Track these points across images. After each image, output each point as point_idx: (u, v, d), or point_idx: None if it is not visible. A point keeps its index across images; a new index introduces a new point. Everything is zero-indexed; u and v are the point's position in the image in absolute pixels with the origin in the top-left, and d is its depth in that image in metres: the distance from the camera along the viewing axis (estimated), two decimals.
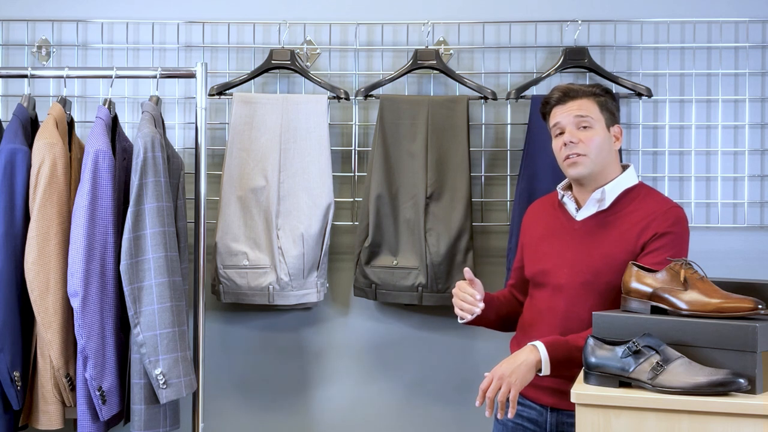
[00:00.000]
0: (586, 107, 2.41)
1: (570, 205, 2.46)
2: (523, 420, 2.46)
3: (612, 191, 2.41)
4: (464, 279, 2.43)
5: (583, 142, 2.38)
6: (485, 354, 3.10)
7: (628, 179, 2.44)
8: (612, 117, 2.44)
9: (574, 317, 2.35)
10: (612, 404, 1.94)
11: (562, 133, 2.42)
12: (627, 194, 2.42)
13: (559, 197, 2.49)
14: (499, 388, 2.21)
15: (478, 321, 2.48)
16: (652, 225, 2.34)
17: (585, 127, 2.40)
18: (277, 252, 2.98)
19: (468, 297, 2.40)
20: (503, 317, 2.56)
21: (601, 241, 2.38)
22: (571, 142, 2.38)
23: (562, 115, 2.42)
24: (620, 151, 2.92)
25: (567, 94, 2.42)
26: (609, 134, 2.43)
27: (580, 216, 2.44)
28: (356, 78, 3.18)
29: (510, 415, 2.22)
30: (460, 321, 2.47)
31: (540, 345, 2.25)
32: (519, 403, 2.47)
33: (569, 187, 2.50)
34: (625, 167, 2.47)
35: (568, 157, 2.39)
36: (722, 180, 3.10)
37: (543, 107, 2.50)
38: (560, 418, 2.40)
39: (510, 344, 2.54)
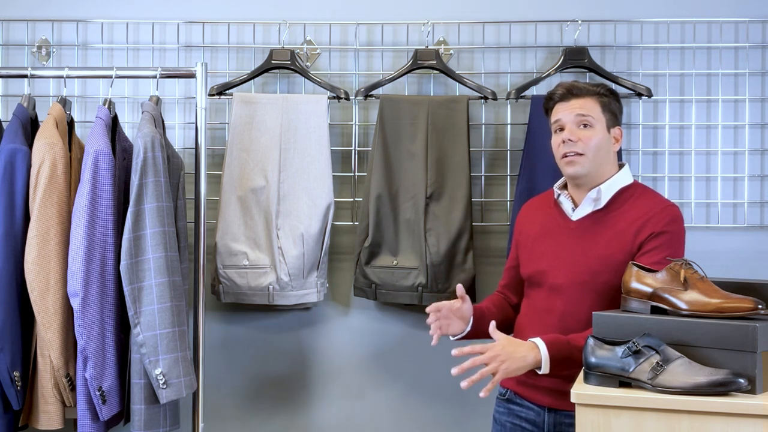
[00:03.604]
0: (589, 106, 2.41)
1: (566, 204, 2.46)
2: (521, 420, 2.46)
3: (608, 190, 2.41)
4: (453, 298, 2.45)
5: (582, 141, 2.38)
6: None
7: (623, 178, 2.45)
8: (614, 118, 2.44)
9: (571, 317, 2.35)
10: (612, 404, 1.94)
11: (562, 130, 2.42)
12: (622, 193, 2.43)
13: (555, 196, 2.49)
14: (486, 365, 2.21)
15: (472, 336, 2.48)
16: (649, 224, 2.34)
17: (585, 126, 2.40)
18: (277, 252, 2.98)
19: (433, 317, 2.41)
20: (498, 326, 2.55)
21: (597, 240, 2.38)
22: (570, 140, 2.38)
23: (563, 113, 2.42)
24: (620, 151, 2.93)
25: (571, 92, 2.42)
26: (609, 135, 2.43)
27: (576, 215, 2.44)
28: (356, 78, 3.18)
29: (481, 395, 2.20)
30: (452, 338, 2.48)
31: (541, 344, 2.25)
32: (516, 404, 2.47)
33: (565, 186, 2.50)
34: (620, 166, 2.47)
35: (566, 155, 2.40)
36: (722, 180, 3.10)
37: (546, 102, 2.49)
38: (558, 418, 2.39)
39: None
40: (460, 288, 2.42)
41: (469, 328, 2.45)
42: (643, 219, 2.35)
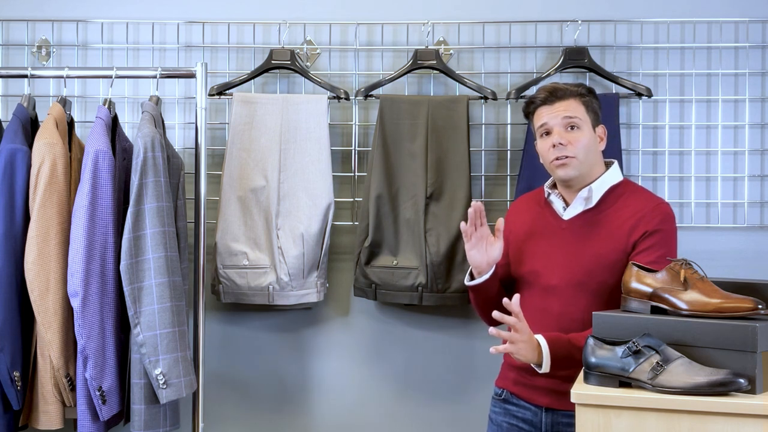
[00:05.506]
0: (573, 108, 2.40)
1: (557, 204, 2.46)
2: (518, 420, 2.46)
3: (598, 189, 2.41)
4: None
5: (572, 144, 2.38)
6: (484, 354, 3.09)
7: (612, 177, 2.45)
8: (596, 117, 2.45)
9: (568, 318, 2.35)
10: (612, 404, 1.94)
11: (548, 134, 2.42)
12: (612, 191, 2.43)
13: (546, 195, 2.49)
14: (505, 343, 2.22)
15: (484, 288, 2.44)
16: (641, 223, 2.34)
17: (573, 128, 2.39)
18: (277, 252, 2.98)
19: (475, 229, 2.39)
20: (495, 302, 2.44)
21: (590, 240, 2.38)
22: (560, 144, 2.38)
23: (549, 116, 2.41)
24: (620, 150, 2.93)
25: (554, 94, 2.41)
26: (595, 135, 2.43)
27: (567, 215, 2.44)
28: (356, 78, 3.18)
29: (491, 350, 2.20)
30: (467, 283, 2.46)
31: (543, 342, 2.25)
32: (513, 404, 2.47)
33: (555, 186, 2.50)
34: (608, 164, 2.47)
35: (557, 159, 2.39)
36: (722, 180, 3.10)
37: (527, 107, 2.49)
38: (555, 418, 2.39)
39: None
40: (500, 222, 2.39)
41: (490, 273, 2.43)
42: (635, 217, 2.36)
